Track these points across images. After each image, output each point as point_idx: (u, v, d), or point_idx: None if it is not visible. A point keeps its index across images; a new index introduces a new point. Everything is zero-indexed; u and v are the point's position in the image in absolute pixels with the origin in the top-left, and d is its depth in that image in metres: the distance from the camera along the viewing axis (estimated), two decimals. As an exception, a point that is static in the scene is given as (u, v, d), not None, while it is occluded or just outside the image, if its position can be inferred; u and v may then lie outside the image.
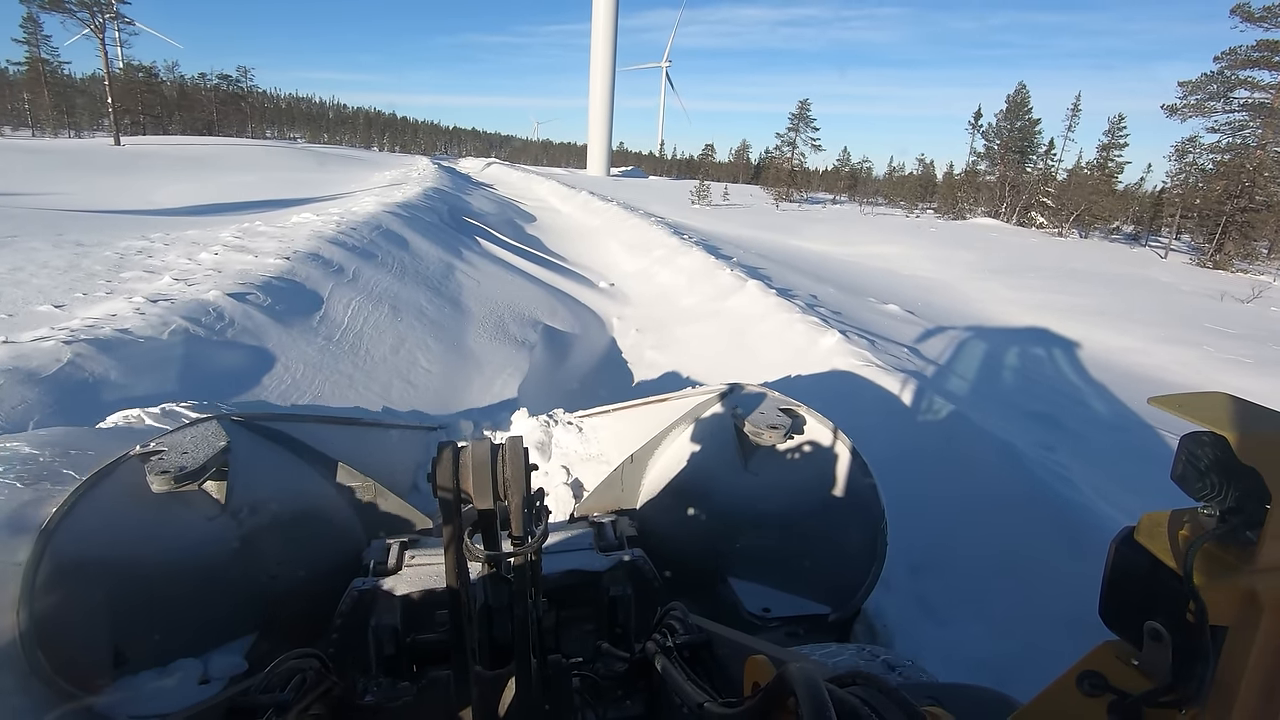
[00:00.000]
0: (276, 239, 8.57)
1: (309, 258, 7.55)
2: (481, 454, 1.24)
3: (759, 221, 29.64)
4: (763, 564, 2.73)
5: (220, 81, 65.23)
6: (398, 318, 6.69)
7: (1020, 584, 3.10)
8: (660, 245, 12.17)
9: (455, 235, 12.69)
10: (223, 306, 5.44)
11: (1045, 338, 9.75)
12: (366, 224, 10.42)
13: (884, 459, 3.26)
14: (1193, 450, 0.75)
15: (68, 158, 25.39)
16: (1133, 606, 0.79)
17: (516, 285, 9.63)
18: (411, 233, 10.93)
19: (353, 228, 9.83)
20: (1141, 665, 0.78)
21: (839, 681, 0.94)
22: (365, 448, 3.22)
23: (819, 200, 54.14)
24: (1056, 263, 21.59)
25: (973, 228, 35.88)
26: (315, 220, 10.52)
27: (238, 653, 2.22)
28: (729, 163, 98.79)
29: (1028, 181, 43.41)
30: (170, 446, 2.25)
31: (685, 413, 3.09)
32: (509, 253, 12.23)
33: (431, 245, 10.59)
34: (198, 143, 37.57)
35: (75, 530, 1.92)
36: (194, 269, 6.73)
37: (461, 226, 14.56)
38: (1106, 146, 39.67)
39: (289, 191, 19.85)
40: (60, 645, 1.83)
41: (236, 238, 8.73)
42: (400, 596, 2.12)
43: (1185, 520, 0.78)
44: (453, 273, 9.42)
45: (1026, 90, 47.22)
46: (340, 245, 8.56)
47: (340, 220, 10.41)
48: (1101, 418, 6.14)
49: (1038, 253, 24.79)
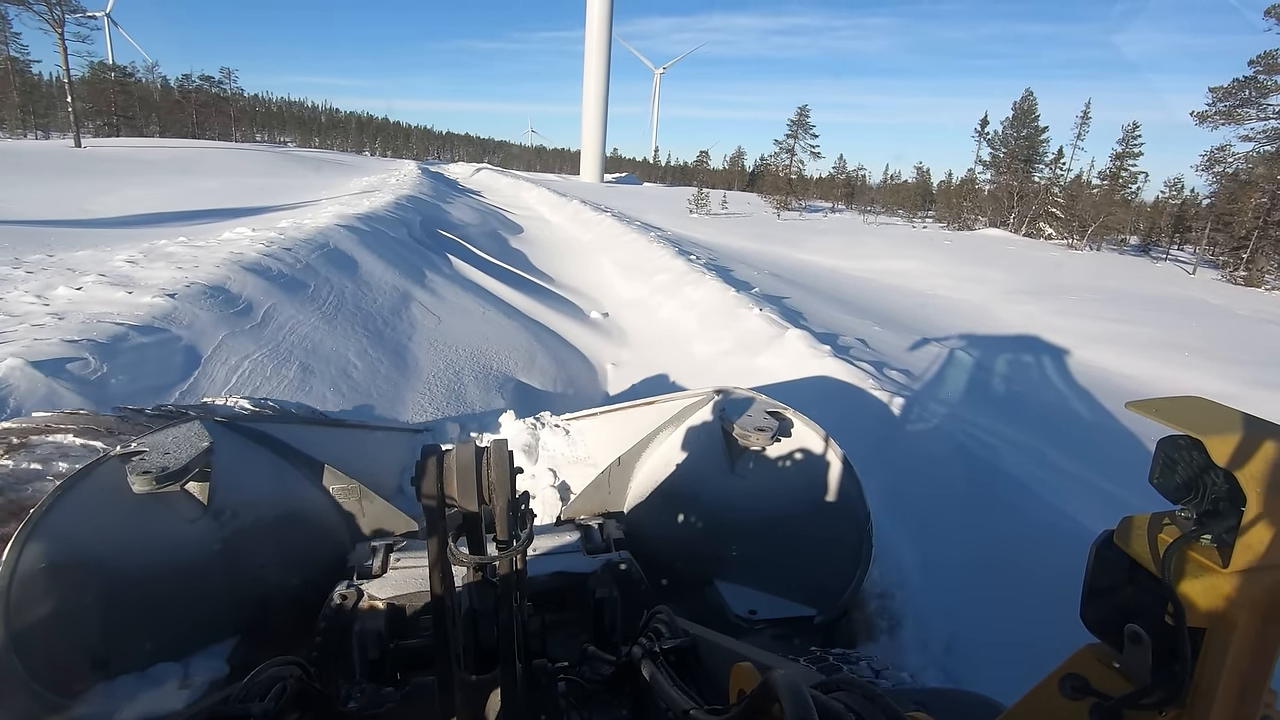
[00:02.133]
0: (181, 264, 6.72)
1: (205, 293, 5.71)
2: (466, 457, 1.23)
3: (762, 232, 27.94)
4: (749, 566, 2.71)
5: (202, 83, 63.05)
6: (305, 384, 4.85)
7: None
8: (663, 268, 10.30)
9: (422, 254, 10.87)
10: (13, 384, 3.60)
11: (1133, 385, 8.00)
12: (309, 242, 8.59)
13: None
14: (1170, 454, 0.77)
15: (17, 160, 23.40)
16: (1113, 609, 0.79)
17: (488, 321, 7.81)
18: (365, 252, 9.10)
19: (289, 248, 8.00)
20: (1123, 668, 0.78)
21: (824, 688, 0.94)
22: (350, 450, 3.13)
23: (817, 208, 52.44)
24: (1089, 281, 19.90)
25: (984, 240, 34.28)
26: (247, 237, 8.67)
27: (219, 656, 2.18)
28: (724, 170, 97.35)
29: (1036, 191, 41.90)
30: (152, 447, 2.19)
31: (673, 415, 3.08)
32: (485, 274, 10.40)
33: (387, 269, 8.76)
34: (168, 146, 35.50)
35: (53, 532, 1.89)
36: (29, 312, 4.87)
37: (433, 242, 12.73)
38: (1120, 155, 38.17)
39: (248, 199, 17.98)
40: (37, 650, 1.79)
41: (130, 262, 6.87)
42: (385, 601, 2.07)
43: (1164, 523, 0.78)
44: (407, 306, 7.59)
45: (1034, 97, 45.83)
46: (260, 273, 6.72)
47: (278, 237, 8.57)
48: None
49: (1063, 269, 23.09)
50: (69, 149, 28.54)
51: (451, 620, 1.29)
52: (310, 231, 9.28)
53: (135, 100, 53.88)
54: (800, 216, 42.32)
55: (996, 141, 46.47)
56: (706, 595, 2.67)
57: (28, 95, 45.74)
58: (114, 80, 47.47)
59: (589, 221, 18.68)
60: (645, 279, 10.04)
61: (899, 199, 55.78)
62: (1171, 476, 0.76)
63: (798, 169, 63.05)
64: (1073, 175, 43.26)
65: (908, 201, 54.03)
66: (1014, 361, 8.49)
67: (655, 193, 56.33)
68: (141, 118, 53.39)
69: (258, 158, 35.06)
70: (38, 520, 1.86)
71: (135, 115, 52.14)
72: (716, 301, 7.77)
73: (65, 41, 29.63)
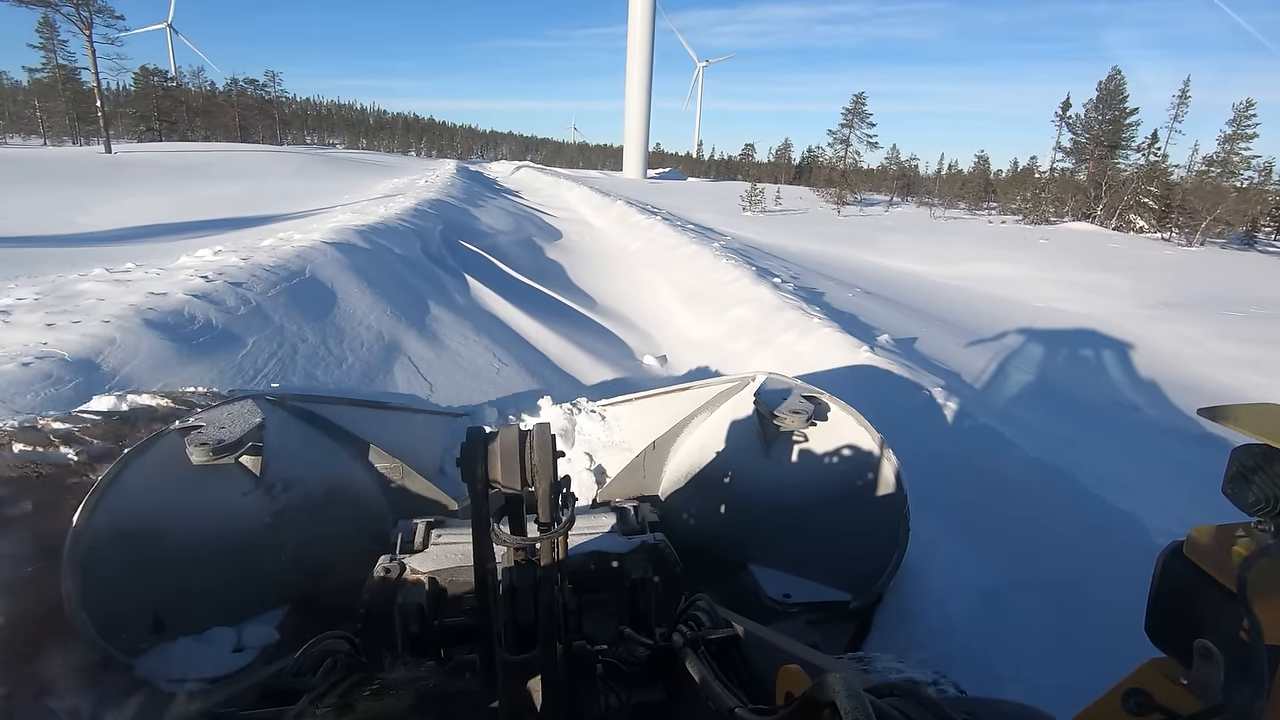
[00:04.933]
0: (69, 313, 4.68)
1: (55, 370, 3.61)
2: (510, 440, 1.24)
3: (825, 231, 25.16)
4: (784, 550, 2.68)
5: (247, 86, 63.01)
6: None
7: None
8: (741, 296, 7.73)
9: (432, 276, 8.73)
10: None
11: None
12: (278, 270, 6.51)
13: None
14: (1244, 462, 0.73)
15: (33, 168, 22.42)
16: (1181, 623, 0.76)
17: (501, 381, 5.57)
18: (352, 280, 6.98)
19: (240, 282, 5.90)
20: (1190, 685, 0.74)
21: (876, 692, 0.90)
22: (393, 431, 3.15)
23: (873, 202, 48.69)
24: (1233, 289, 16.58)
25: (1077, 235, 30.59)
26: (205, 262, 6.65)
27: (270, 624, 2.24)
28: (769, 163, 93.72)
29: (1128, 179, 37.69)
30: (208, 422, 2.28)
31: (708, 400, 3.08)
32: (509, 303, 8.19)
33: (376, 304, 6.62)
34: (200, 150, 34.56)
35: (119, 499, 1.99)
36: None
37: (453, 257, 10.60)
38: (1230, 138, 33.79)
39: (257, 207, 16.26)
40: (103, 608, 1.87)
41: (3, 313, 4.85)
42: (426, 576, 2.09)
43: (1238, 535, 0.74)
44: (390, 365, 5.41)
45: (1122, 77, 41.54)
46: (174, 328, 4.62)
47: (240, 264, 6.51)
48: None
49: (1191, 272, 19.63)
50: (99, 155, 27.62)
51: (493, 599, 1.31)
52: (289, 254, 7.20)
53: (180, 105, 53.87)
54: (861, 212, 39.07)
55: (1079, 126, 42.28)
56: (741, 578, 2.66)
57: (75, 102, 45.79)
58: (156, 85, 47.27)
59: (637, 226, 16.28)
60: (718, 313, 7.55)
61: (960, 190, 51.55)
62: (1246, 487, 0.73)
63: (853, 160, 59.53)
64: (1170, 161, 38.88)
65: (970, 193, 49.91)
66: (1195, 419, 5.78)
67: (701, 188, 53.57)
68: (185, 122, 53.29)
69: (289, 160, 33.85)
70: (105, 487, 1.97)
71: (179, 120, 52.05)
72: (838, 356, 5.24)
73: (94, 44, 28.81)
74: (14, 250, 9.14)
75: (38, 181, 19.20)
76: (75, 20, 27.79)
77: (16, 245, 9.69)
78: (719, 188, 55.15)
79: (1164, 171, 37.66)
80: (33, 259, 8.30)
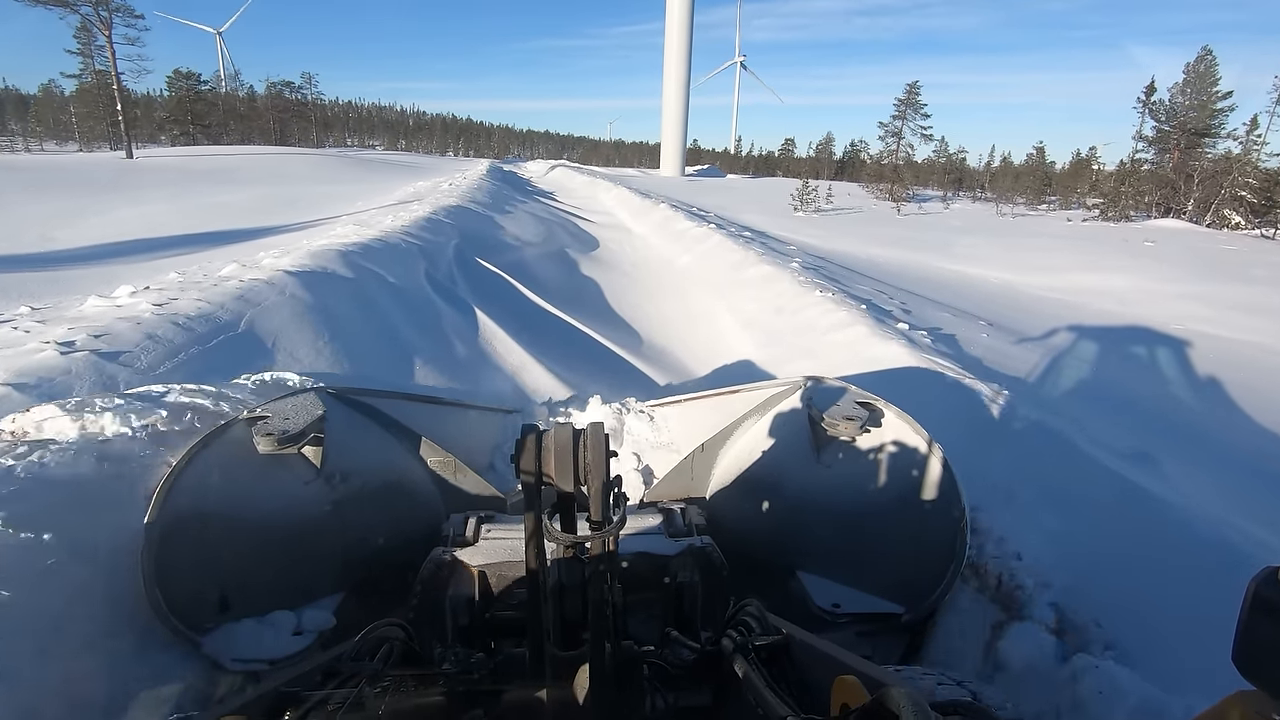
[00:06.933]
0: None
1: None
2: (564, 438, 1.25)
3: (888, 234, 22.59)
4: (834, 559, 2.62)
5: (283, 88, 62.67)
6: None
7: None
8: (856, 350, 5.55)
9: (430, 312, 6.73)
10: None
11: None
12: (204, 320, 4.59)
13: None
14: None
15: (41, 174, 21.35)
16: (1274, 654, 0.72)
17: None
18: (305, 332, 5.02)
19: (156, 336, 3.98)
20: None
21: (939, 709, 0.84)
22: (446, 426, 3.19)
23: (927, 198, 45.33)
24: None
25: (1180, 236, 27.26)
26: (102, 310, 4.77)
27: (328, 609, 2.30)
28: (810, 158, 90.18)
29: (1222, 170, 33.89)
30: (274, 413, 2.37)
31: (759, 404, 3.03)
32: (524, 349, 6.16)
33: (334, 364, 4.65)
34: (224, 154, 33.50)
35: (191, 484, 2.10)
36: None
37: (463, 281, 8.62)
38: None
39: (260, 217, 14.61)
40: (174, 586, 1.97)
41: None
42: (477, 570, 2.08)
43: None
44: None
45: (1213, 58, 37.60)
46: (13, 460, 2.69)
47: (154, 312, 4.62)
48: None
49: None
50: (118, 160, 26.75)
51: (544, 595, 1.32)
52: (229, 294, 5.25)
53: (215, 109, 53.60)
54: (920, 209, 36.09)
55: (1162, 113, 38.46)
56: (788, 585, 2.62)
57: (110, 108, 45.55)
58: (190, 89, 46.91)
59: (685, 235, 14.06)
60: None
61: (1015, 184, 47.71)
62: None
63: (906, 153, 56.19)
64: (1268, 149, 34.93)
65: (1028, 186, 46.20)
66: None
67: (742, 186, 50.92)
68: (219, 126, 52.97)
69: (313, 162, 32.63)
70: (180, 472, 2.09)
71: (212, 124, 51.71)
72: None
73: (114, 45, 27.98)
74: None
75: (44, 190, 18.01)
76: (94, 20, 27.06)
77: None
78: (761, 185, 52.53)
79: (1254, 162, 33.84)
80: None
